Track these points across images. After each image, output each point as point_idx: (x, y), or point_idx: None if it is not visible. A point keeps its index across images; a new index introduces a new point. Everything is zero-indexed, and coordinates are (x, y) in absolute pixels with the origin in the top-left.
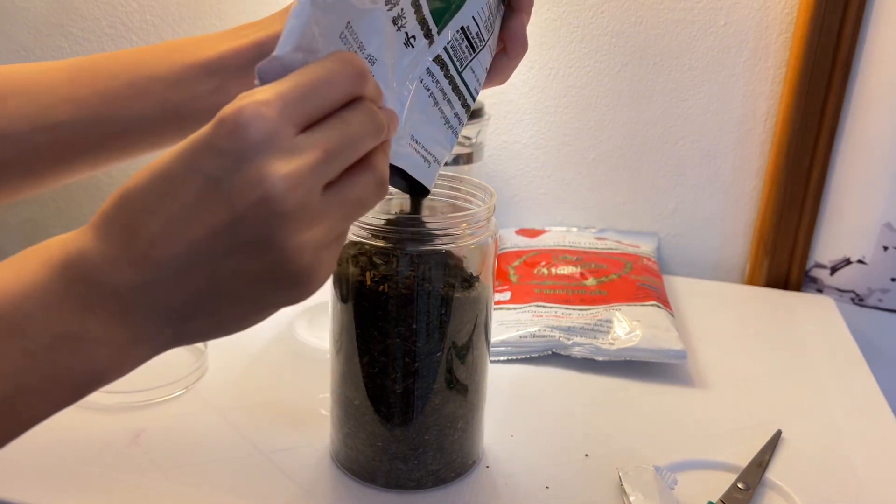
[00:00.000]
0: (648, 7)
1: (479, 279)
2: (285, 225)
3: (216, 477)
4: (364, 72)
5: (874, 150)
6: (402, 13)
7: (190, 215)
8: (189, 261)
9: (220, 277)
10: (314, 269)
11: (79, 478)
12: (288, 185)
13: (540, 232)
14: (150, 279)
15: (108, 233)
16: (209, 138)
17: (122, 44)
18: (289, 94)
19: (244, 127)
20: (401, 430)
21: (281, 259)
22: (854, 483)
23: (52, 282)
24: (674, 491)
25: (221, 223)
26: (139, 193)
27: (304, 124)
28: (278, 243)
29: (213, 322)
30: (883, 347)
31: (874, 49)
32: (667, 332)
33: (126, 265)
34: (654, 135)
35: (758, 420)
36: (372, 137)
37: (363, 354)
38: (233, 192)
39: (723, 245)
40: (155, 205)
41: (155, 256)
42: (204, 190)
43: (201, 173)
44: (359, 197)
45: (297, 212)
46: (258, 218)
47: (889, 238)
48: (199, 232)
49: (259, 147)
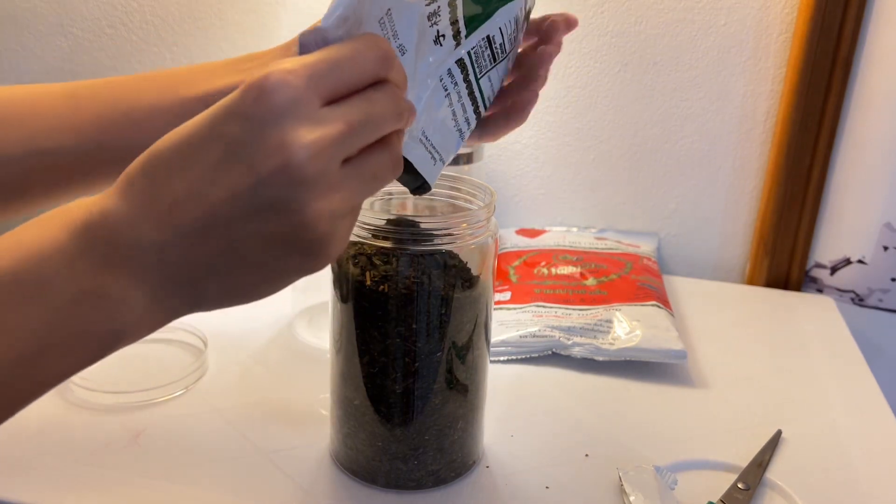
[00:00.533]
0: (648, 7)
1: (479, 279)
2: (305, 191)
3: (216, 477)
4: (391, 56)
5: (874, 150)
6: (438, 10)
7: (212, 178)
8: (208, 223)
9: (238, 240)
10: (330, 238)
11: (79, 478)
12: (310, 153)
13: (540, 232)
14: (169, 239)
15: (131, 194)
16: (235, 104)
17: (122, 44)
18: (316, 65)
19: (269, 93)
20: (401, 430)
21: (299, 224)
22: (854, 483)
23: (73, 241)
24: (674, 491)
25: (242, 186)
26: (163, 157)
27: (329, 97)
28: (297, 209)
29: (229, 286)
30: (883, 347)
31: (874, 49)
32: (667, 332)
33: (146, 225)
34: (654, 135)
35: (758, 420)
36: (393, 120)
37: (363, 354)
38: (255, 156)
39: (723, 245)
40: (178, 168)
41: (175, 217)
42: (227, 154)
43: (225, 138)
44: (374, 173)
45: (317, 179)
46: (279, 183)
47: (889, 238)
48: (220, 194)
49: (283, 113)
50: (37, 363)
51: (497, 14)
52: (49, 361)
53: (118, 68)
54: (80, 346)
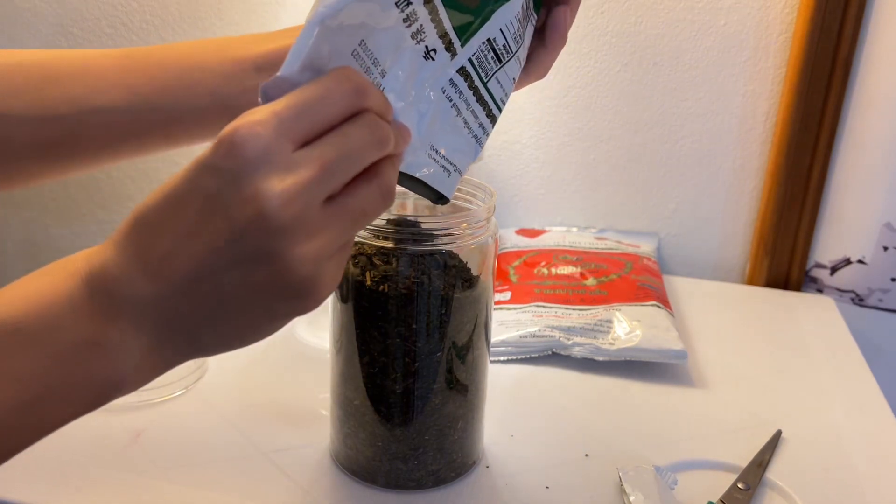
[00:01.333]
0: (648, 7)
1: (479, 279)
2: (283, 239)
3: (216, 477)
4: (362, 87)
5: (874, 150)
6: (422, 28)
7: (194, 232)
8: (196, 275)
9: (226, 290)
10: (316, 280)
11: (79, 478)
12: (283, 201)
13: (540, 232)
14: (162, 292)
15: (126, 249)
16: (208, 158)
17: (122, 44)
18: (284, 112)
19: (239, 146)
20: (401, 430)
21: (281, 271)
22: (854, 483)
23: (76, 292)
24: (674, 491)
25: (222, 239)
26: (150, 213)
27: (301, 140)
28: (278, 256)
29: (225, 333)
30: (883, 347)
31: (874, 49)
32: (667, 332)
33: (141, 279)
34: (654, 135)
35: (758, 420)
36: (374, 149)
37: (363, 354)
38: (231, 208)
39: (723, 245)
40: (163, 223)
41: (165, 271)
42: (205, 208)
43: (202, 192)
44: (362, 208)
45: (294, 226)
46: (256, 233)
47: (889, 238)
48: (202, 247)
49: (254, 164)
50: (37, 409)
51: (494, 16)
52: (49, 408)
53: None
54: (79, 393)
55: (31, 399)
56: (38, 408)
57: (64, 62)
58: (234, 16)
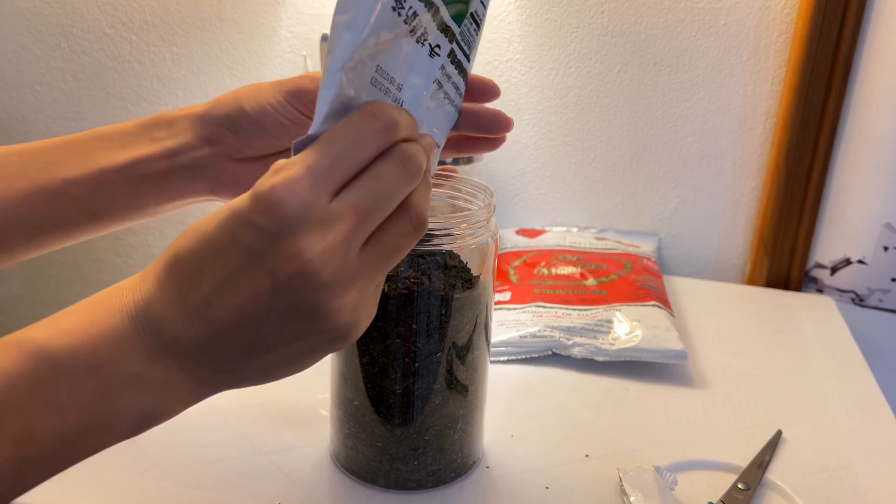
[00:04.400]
0: (648, 7)
1: (479, 279)
2: (324, 293)
3: (216, 477)
4: (391, 123)
5: (874, 150)
6: (426, 30)
7: (235, 281)
8: (237, 321)
9: (267, 335)
10: (355, 323)
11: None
12: (325, 259)
13: (540, 232)
14: (204, 335)
15: (167, 288)
16: (246, 213)
17: (122, 44)
18: (318, 164)
19: (277, 205)
20: (401, 430)
21: (322, 320)
22: (854, 483)
23: (123, 328)
24: (674, 491)
25: (264, 289)
26: (189, 255)
27: (335, 190)
28: (319, 309)
29: (266, 369)
30: (883, 347)
31: (874, 49)
32: (667, 332)
33: (183, 321)
34: (654, 135)
35: (758, 420)
36: (407, 184)
37: (363, 354)
38: (272, 263)
39: (723, 245)
40: (204, 268)
41: (207, 316)
42: (245, 260)
43: (241, 245)
44: (396, 244)
45: (335, 280)
46: (297, 288)
47: (889, 238)
48: (244, 296)
49: (293, 223)
50: (80, 438)
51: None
52: (93, 437)
53: (118, 68)
54: (122, 424)
55: (78, 428)
56: (80, 436)
57: None
58: (234, 16)
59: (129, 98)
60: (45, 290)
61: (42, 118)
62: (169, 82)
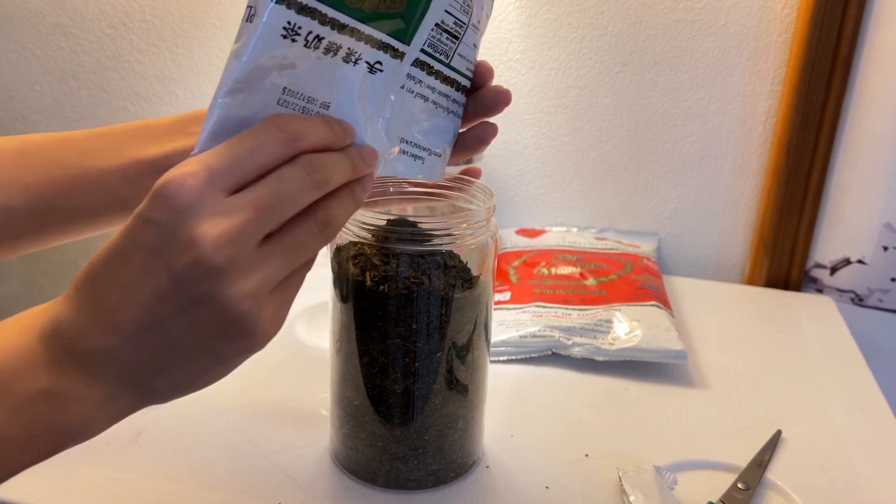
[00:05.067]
0: (648, 7)
1: (479, 279)
2: (219, 280)
3: (216, 477)
4: (295, 134)
5: (874, 150)
6: (352, 50)
7: (138, 283)
8: (143, 324)
9: (174, 336)
10: (256, 317)
11: (79, 478)
12: (217, 245)
13: (540, 232)
14: (113, 343)
15: (77, 302)
16: (143, 211)
17: (122, 44)
18: (215, 162)
19: (172, 197)
20: (401, 430)
21: (222, 311)
22: (854, 483)
23: (30, 345)
24: (674, 491)
25: (165, 287)
26: (98, 267)
27: (233, 188)
28: (216, 298)
29: (178, 380)
30: (883, 347)
31: (874, 49)
32: (667, 332)
33: (93, 331)
34: (654, 135)
35: (758, 420)
36: (311, 190)
37: (363, 354)
38: (169, 257)
39: (723, 245)
40: (110, 277)
41: (115, 322)
42: (145, 260)
43: (141, 245)
44: (298, 242)
45: (230, 267)
46: (195, 278)
47: (889, 238)
48: (147, 297)
49: (187, 213)
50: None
51: (433, 4)
52: (7, 455)
53: (118, 68)
54: (36, 442)
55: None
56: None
57: None
58: (234, 16)
59: (129, 98)
60: (46, 288)
61: (42, 118)
62: (169, 82)
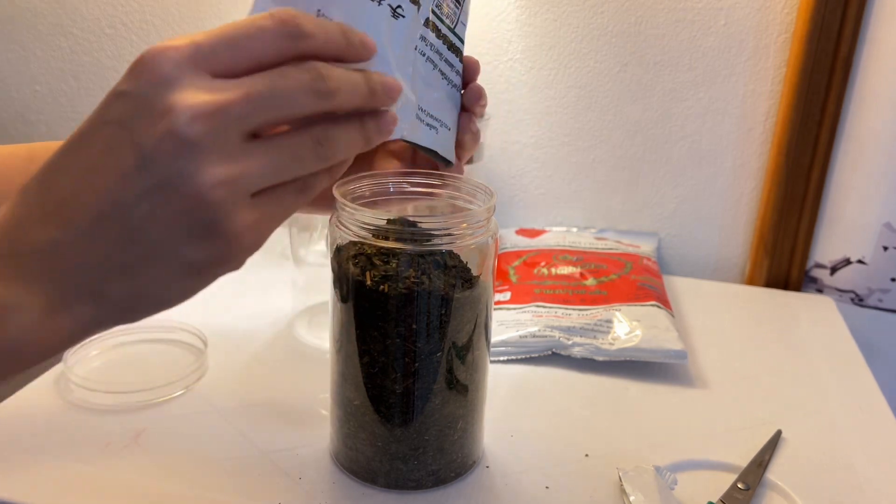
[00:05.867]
0: (648, 7)
1: (479, 279)
2: (193, 156)
3: (216, 477)
4: (297, 30)
5: (874, 150)
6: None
7: (100, 165)
8: (100, 212)
9: (135, 227)
10: (229, 213)
11: (79, 478)
12: (195, 115)
13: (540, 232)
14: (61, 237)
15: (23, 199)
16: (117, 86)
17: (122, 44)
18: (204, 41)
19: (149, 67)
20: (401, 430)
21: (191, 196)
22: (854, 483)
23: None
24: (674, 491)
25: (130, 167)
26: (53, 159)
27: (219, 72)
28: (186, 177)
29: (138, 285)
30: (883, 347)
31: (874, 49)
32: (667, 332)
33: (37, 227)
34: (654, 135)
35: (758, 420)
36: (311, 97)
37: (363, 354)
38: (139, 131)
39: (723, 245)
40: (67, 165)
41: (67, 213)
42: (112, 135)
43: (110, 122)
44: (291, 151)
45: (206, 143)
46: (165, 153)
47: (889, 238)
48: (108, 180)
49: (165, 83)
50: None
51: None
52: None
53: (118, 68)
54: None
55: None
56: None
57: None
58: (234, 16)
59: None
60: None
61: (42, 118)
62: None
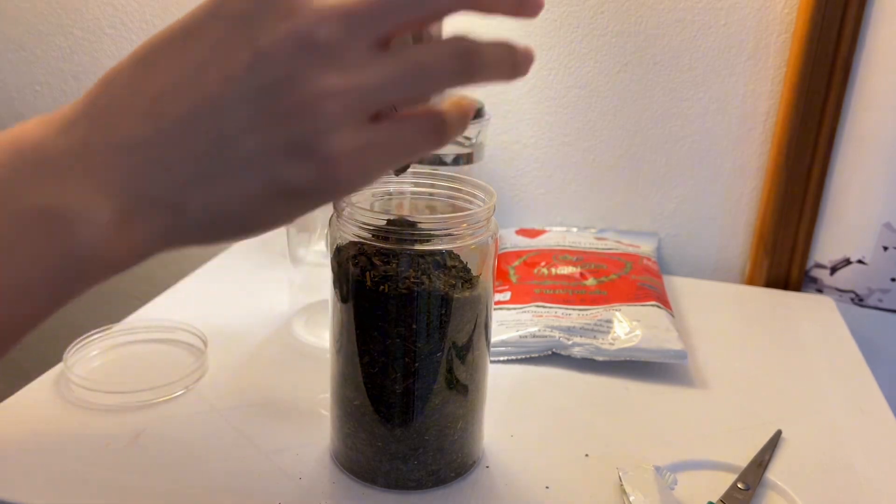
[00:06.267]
0: (648, 7)
1: (479, 279)
2: (313, 60)
3: (216, 477)
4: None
5: (874, 150)
6: None
7: (205, 61)
8: (194, 111)
9: (227, 134)
10: (335, 130)
11: (79, 478)
12: (322, 16)
13: (540, 232)
14: (150, 132)
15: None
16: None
17: (123, 43)
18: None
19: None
20: (401, 430)
21: (300, 102)
22: (854, 483)
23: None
24: (674, 491)
25: (238, 65)
26: (151, 51)
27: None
28: (302, 81)
29: (218, 197)
30: (883, 347)
31: (874, 49)
32: (667, 332)
33: (123, 123)
34: (654, 135)
35: (758, 420)
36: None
37: (363, 354)
38: (258, 27)
39: (723, 245)
40: (169, 58)
41: (157, 109)
42: (225, 32)
43: (224, 16)
44: (428, 59)
45: (331, 47)
46: (282, 53)
47: (889, 238)
48: (210, 77)
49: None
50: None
51: None
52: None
53: None
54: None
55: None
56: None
57: None
58: None
59: None
60: None
61: None
62: None
